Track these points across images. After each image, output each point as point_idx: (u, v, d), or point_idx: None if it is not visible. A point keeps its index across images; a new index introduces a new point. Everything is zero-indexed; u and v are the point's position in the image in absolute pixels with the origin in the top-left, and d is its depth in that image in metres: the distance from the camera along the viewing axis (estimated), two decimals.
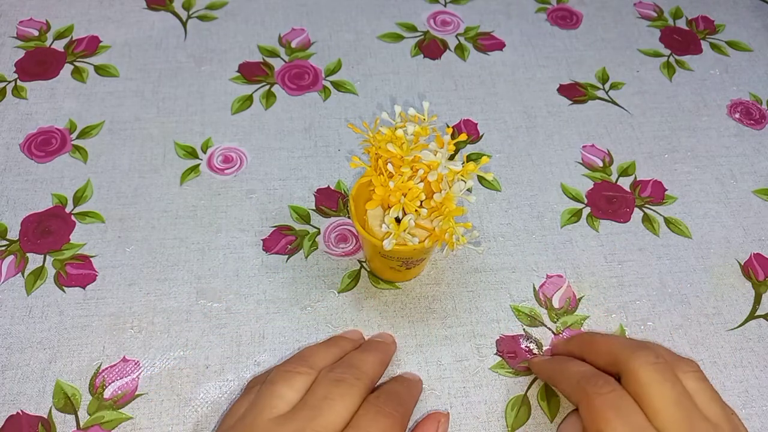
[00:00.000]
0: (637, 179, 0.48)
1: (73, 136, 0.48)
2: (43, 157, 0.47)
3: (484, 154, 0.49)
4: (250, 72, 0.53)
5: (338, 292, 0.42)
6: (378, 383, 0.36)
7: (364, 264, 0.43)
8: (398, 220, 0.34)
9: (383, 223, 0.35)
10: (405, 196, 0.34)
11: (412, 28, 0.57)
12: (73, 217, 0.44)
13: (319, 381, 0.33)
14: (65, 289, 0.41)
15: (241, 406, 0.33)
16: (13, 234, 0.43)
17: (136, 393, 0.37)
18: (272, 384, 0.33)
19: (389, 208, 0.35)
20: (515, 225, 0.45)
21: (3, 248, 0.42)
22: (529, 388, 0.38)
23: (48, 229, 0.43)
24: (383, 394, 0.33)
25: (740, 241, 0.45)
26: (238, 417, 0.32)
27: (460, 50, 0.56)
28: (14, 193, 0.45)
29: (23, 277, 0.41)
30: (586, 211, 0.46)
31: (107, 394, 0.37)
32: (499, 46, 0.57)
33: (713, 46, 0.58)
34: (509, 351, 0.40)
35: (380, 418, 0.32)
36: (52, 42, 0.54)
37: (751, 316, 0.42)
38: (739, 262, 0.44)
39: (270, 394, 0.32)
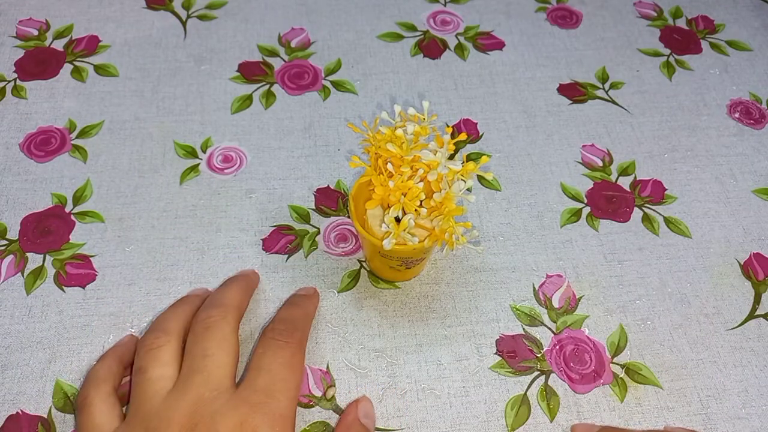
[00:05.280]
0: (637, 179, 0.48)
1: (73, 135, 0.48)
2: (43, 156, 0.47)
3: (483, 154, 0.49)
4: (249, 71, 0.53)
5: (338, 292, 0.42)
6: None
7: (363, 264, 0.43)
8: (398, 220, 0.34)
9: (383, 222, 0.35)
10: (405, 196, 0.34)
11: (411, 28, 0.57)
12: (72, 217, 0.44)
13: (190, 337, 0.33)
14: (65, 288, 0.41)
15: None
16: (13, 233, 0.43)
17: None
18: (144, 372, 0.32)
19: (389, 207, 0.35)
20: (515, 224, 0.45)
21: (3, 248, 0.42)
22: (529, 387, 0.38)
23: (48, 229, 0.43)
24: (277, 325, 0.35)
25: (740, 241, 0.45)
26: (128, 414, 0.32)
27: (460, 50, 0.56)
28: (14, 193, 0.45)
29: (23, 276, 0.41)
30: (586, 210, 0.46)
31: None
32: (499, 45, 0.57)
33: (713, 46, 0.58)
34: (509, 350, 0.40)
35: (279, 351, 0.33)
36: (52, 41, 0.54)
37: (751, 316, 0.42)
38: (738, 262, 0.44)
39: (147, 381, 0.32)
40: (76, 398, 0.35)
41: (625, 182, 0.48)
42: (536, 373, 0.39)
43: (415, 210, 0.34)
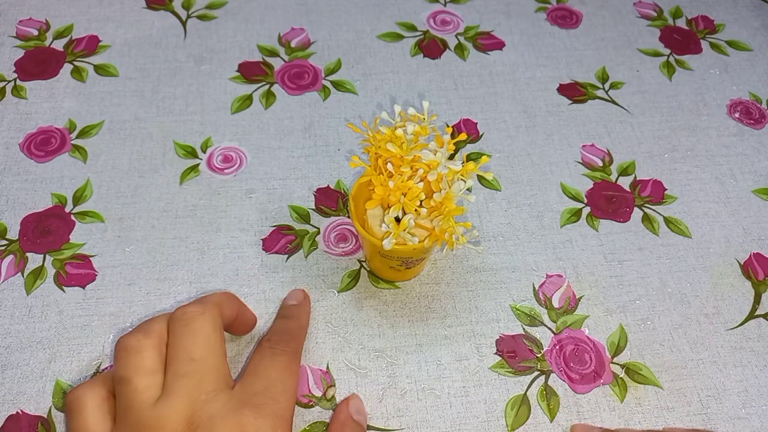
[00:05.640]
0: (637, 179, 0.48)
1: (73, 135, 0.48)
2: (43, 156, 0.47)
3: (483, 154, 0.49)
4: (249, 71, 0.53)
5: (338, 292, 0.42)
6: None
7: (363, 263, 0.43)
8: (398, 220, 0.34)
9: (383, 222, 0.35)
10: (405, 196, 0.34)
11: (411, 28, 0.57)
12: (72, 217, 0.44)
13: (170, 337, 0.31)
14: (65, 288, 0.41)
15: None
16: (13, 233, 0.43)
17: None
18: (128, 382, 0.30)
19: (389, 207, 0.35)
20: (515, 224, 0.45)
21: (3, 248, 0.42)
22: (529, 387, 0.38)
23: (48, 229, 0.43)
24: (274, 334, 0.36)
25: (740, 241, 0.45)
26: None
27: (460, 50, 0.56)
28: (14, 193, 0.45)
29: (23, 276, 0.41)
30: (586, 210, 0.46)
31: None
32: (499, 45, 0.57)
33: (713, 46, 0.58)
34: (509, 350, 0.40)
35: (276, 358, 0.34)
36: (52, 41, 0.54)
37: (751, 316, 0.42)
38: (738, 262, 0.44)
39: (134, 392, 0.30)
40: (66, 395, 0.32)
41: (625, 182, 0.48)
42: (536, 373, 0.39)
43: (415, 210, 0.34)
